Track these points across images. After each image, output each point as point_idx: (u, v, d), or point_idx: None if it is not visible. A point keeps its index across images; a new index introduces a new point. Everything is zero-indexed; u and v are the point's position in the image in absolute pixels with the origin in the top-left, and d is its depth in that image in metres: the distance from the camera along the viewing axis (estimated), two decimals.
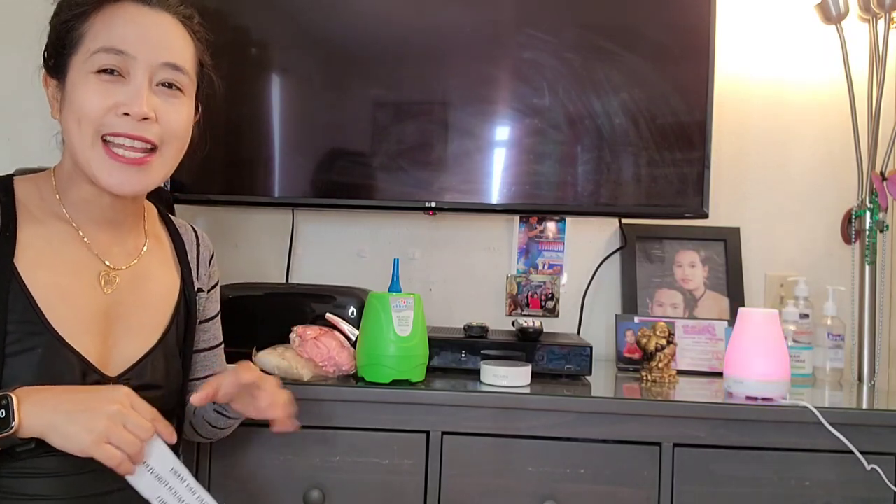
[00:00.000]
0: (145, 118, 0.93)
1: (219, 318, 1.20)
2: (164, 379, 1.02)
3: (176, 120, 0.98)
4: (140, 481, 0.88)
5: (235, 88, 1.57)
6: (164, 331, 1.04)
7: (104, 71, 0.93)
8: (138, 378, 0.98)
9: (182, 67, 0.98)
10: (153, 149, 0.96)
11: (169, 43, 0.97)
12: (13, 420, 0.81)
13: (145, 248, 1.06)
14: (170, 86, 0.97)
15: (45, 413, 0.83)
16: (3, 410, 0.82)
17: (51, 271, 0.95)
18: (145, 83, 0.94)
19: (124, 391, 0.87)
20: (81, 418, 0.83)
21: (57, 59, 0.97)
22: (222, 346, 1.20)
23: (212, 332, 1.18)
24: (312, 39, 1.58)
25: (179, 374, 1.07)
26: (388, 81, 1.57)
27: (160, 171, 0.98)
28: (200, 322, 1.14)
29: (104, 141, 0.93)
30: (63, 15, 0.96)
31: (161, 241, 1.11)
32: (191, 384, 1.13)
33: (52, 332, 0.92)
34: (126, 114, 0.93)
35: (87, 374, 0.93)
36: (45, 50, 0.99)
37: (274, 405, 1.05)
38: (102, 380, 0.95)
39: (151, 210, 1.13)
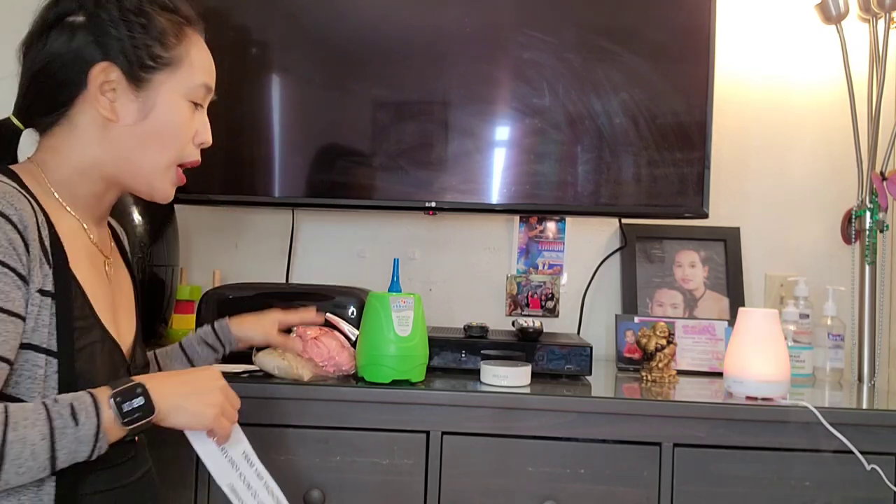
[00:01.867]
0: None
1: None
2: (146, 358, 1.07)
3: None
4: (217, 462, 0.93)
5: (235, 88, 1.58)
6: (137, 316, 1.07)
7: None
8: (136, 360, 1.01)
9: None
10: None
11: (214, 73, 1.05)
12: (154, 407, 0.86)
13: (112, 239, 1.08)
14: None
15: (169, 397, 0.88)
16: (143, 398, 0.85)
17: (81, 265, 0.93)
18: (204, 111, 1.02)
19: (216, 371, 0.96)
20: (202, 397, 0.91)
21: (142, 64, 0.94)
22: None
23: None
24: (312, 39, 1.58)
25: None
26: (389, 81, 1.57)
27: None
28: None
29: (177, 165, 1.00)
30: (158, 22, 0.95)
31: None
32: None
33: (101, 325, 0.92)
34: (201, 143, 1.02)
35: (122, 363, 0.96)
36: (125, 43, 0.93)
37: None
38: (131, 366, 0.99)
39: None
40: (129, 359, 0.98)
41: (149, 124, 0.95)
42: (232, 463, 0.95)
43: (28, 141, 1.00)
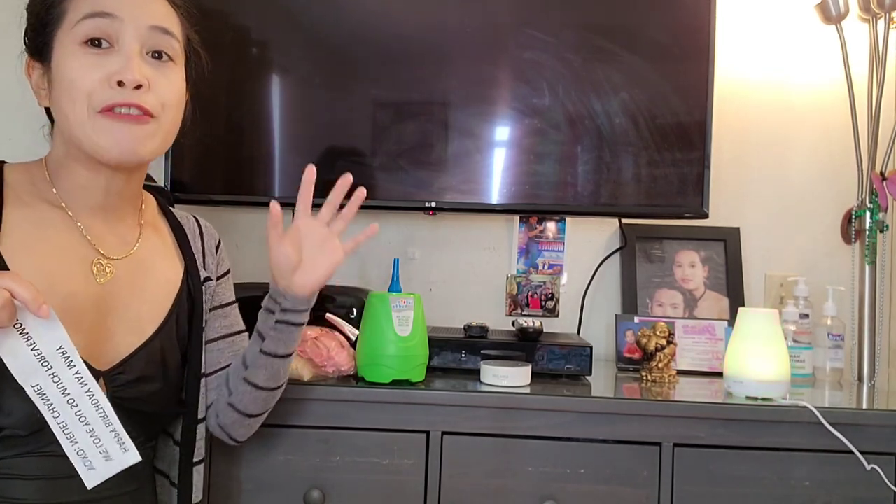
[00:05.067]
0: (139, 86, 0.92)
1: (236, 306, 1.17)
2: (160, 372, 0.99)
3: (168, 88, 0.96)
4: (18, 357, 0.78)
5: (235, 88, 1.58)
6: (161, 322, 1.00)
7: (92, 42, 0.91)
8: (131, 372, 0.95)
9: (171, 31, 0.97)
10: (149, 114, 0.94)
11: (155, 7, 0.96)
12: None
13: (140, 238, 1.03)
14: (160, 56, 0.96)
15: None
16: None
17: (38, 257, 0.92)
18: (136, 48, 0.93)
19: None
20: None
21: (39, 38, 0.94)
22: (246, 333, 1.16)
23: (231, 318, 1.15)
24: (312, 39, 1.58)
25: (180, 368, 1.03)
26: (389, 81, 1.57)
27: (157, 138, 0.96)
28: (214, 309, 1.11)
29: (100, 112, 0.91)
30: None
31: (161, 231, 1.08)
32: (213, 377, 1.10)
33: None
34: (120, 83, 0.91)
35: None
36: (25, 34, 0.97)
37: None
38: (91, 372, 0.91)
39: (150, 201, 1.10)
40: (103, 370, 0.93)
41: (56, 86, 0.93)
42: (42, 359, 0.78)
43: None
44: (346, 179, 1.08)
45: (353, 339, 1.35)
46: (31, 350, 0.78)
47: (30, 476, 0.89)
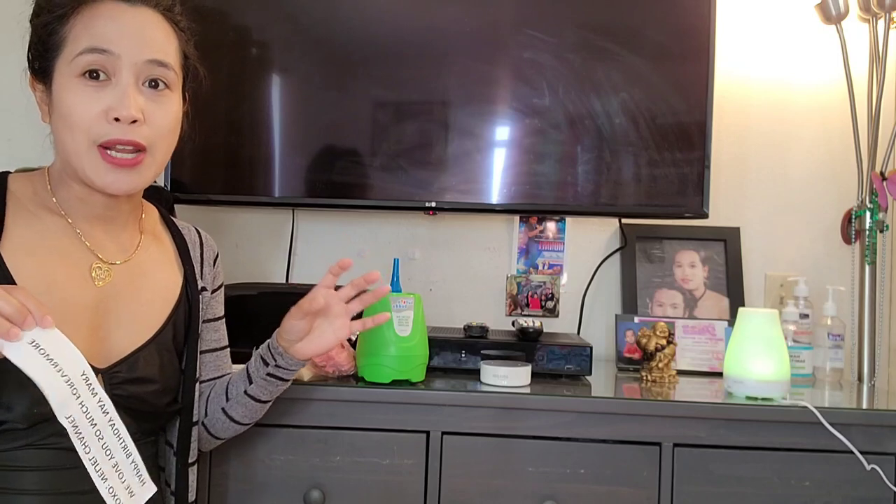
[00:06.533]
0: (134, 121, 0.94)
1: (224, 320, 1.19)
2: (158, 374, 1.01)
3: (163, 119, 0.98)
4: (47, 384, 0.77)
5: (235, 88, 1.58)
6: (160, 327, 1.03)
7: (89, 74, 0.94)
8: (129, 371, 0.97)
9: (167, 63, 0.98)
10: (143, 150, 0.96)
11: (152, 39, 0.98)
12: None
13: (140, 245, 1.05)
14: (155, 85, 0.98)
15: None
16: None
17: (38, 260, 0.95)
18: (131, 83, 0.95)
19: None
20: None
21: (41, 62, 0.97)
22: (228, 349, 1.20)
23: (220, 332, 1.18)
24: (312, 39, 1.58)
25: (177, 371, 1.05)
26: (388, 81, 1.57)
27: (151, 169, 0.99)
28: (206, 321, 1.13)
29: (98, 146, 0.94)
30: (43, 17, 0.96)
31: (161, 240, 1.11)
32: (199, 386, 1.12)
33: None
34: (116, 118, 0.93)
35: None
36: (29, 52, 0.99)
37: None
38: (107, 372, 0.95)
39: (151, 211, 1.13)
40: (102, 367, 0.95)
41: (55, 112, 0.96)
42: (71, 386, 0.77)
43: None
44: (374, 276, 1.13)
45: (353, 339, 1.35)
46: (62, 375, 0.78)
47: (31, 468, 0.91)
